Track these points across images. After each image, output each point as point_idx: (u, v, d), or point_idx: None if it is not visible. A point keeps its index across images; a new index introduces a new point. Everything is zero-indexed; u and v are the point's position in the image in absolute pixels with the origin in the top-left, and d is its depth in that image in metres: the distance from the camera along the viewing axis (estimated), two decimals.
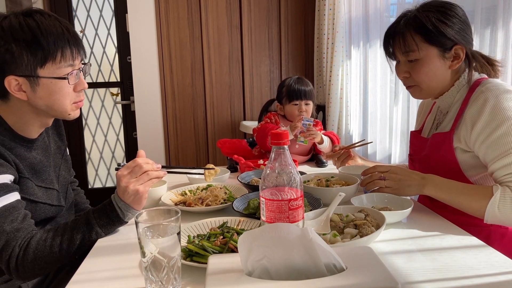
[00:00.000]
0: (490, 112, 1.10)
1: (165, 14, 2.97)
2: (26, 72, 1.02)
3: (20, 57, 1.00)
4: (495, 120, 1.10)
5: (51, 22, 1.02)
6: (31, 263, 0.97)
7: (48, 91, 1.05)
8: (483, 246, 0.97)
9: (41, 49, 1.01)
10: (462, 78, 1.22)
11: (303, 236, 0.70)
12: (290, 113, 1.93)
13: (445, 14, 1.16)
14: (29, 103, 1.07)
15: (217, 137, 3.13)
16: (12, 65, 1.00)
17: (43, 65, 1.02)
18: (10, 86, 1.03)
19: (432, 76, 1.20)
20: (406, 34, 1.19)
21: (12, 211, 0.98)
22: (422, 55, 1.18)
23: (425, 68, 1.19)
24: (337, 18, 2.69)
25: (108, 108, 3.50)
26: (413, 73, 1.21)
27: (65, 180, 1.28)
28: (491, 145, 1.10)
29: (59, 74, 1.05)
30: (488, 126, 1.10)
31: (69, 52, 1.05)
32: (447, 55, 1.18)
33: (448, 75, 1.22)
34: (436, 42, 1.17)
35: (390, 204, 1.17)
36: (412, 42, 1.18)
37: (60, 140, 1.30)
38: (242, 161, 1.72)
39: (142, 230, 0.76)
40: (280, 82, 2.07)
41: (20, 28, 0.99)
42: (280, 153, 0.83)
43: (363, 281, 0.67)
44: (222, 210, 1.26)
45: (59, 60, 1.03)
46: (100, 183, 3.61)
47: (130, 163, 1.05)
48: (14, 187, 1.03)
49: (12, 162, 1.04)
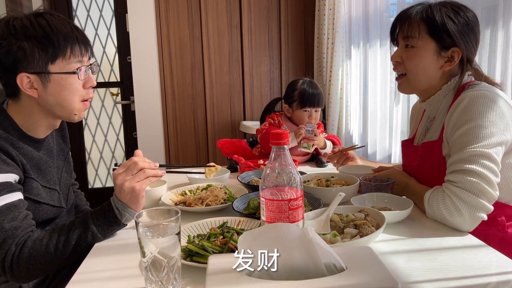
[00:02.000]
0: (461, 110, 1.11)
1: (165, 14, 2.97)
2: (37, 69, 1.05)
3: (32, 54, 1.03)
4: (461, 120, 1.11)
5: (60, 21, 1.07)
6: (26, 262, 0.96)
7: (58, 87, 1.08)
8: (483, 246, 0.97)
9: (52, 46, 1.04)
10: (451, 82, 1.22)
11: (303, 236, 0.70)
12: (299, 118, 1.89)
13: (456, 14, 1.17)
14: (39, 102, 1.09)
15: (217, 137, 3.13)
16: (24, 62, 1.04)
17: (54, 61, 1.06)
18: (22, 84, 1.05)
19: (422, 68, 1.20)
20: (413, 19, 1.19)
21: (13, 209, 0.99)
22: (420, 44, 1.19)
23: (417, 58, 1.20)
24: (337, 18, 2.69)
25: (108, 108, 3.50)
26: (405, 60, 1.22)
27: (67, 182, 1.29)
28: (453, 144, 1.12)
29: (69, 70, 1.08)
30: (456, 125, 1.12)
31: (78, 49, 1.09)
32: (443, 53, 1.19)
33: (437, 74, 1.22)
34: (437, 36, 1.17)
35: (390, 204, 1.18)
36: (416, 28, 1.18)
37: (64, 143, 1.32)
38: (242, 161, 1.71)
39: (142, 230, 0.76)
40: (290, 83, 2.01)
41: (32, 26, 1.03)
42: (280, 153, 0.83)
43: (363, 281, 0.67)
44: (222, 210, 1.26)
45: (68, 56, 1.07)
46: (100, 183, 3.61)
47: (126, 162, 1.06)
48: (18, 187, 1.03)
49: (19, 162, 1.05)
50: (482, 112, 1.09)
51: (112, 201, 1.06)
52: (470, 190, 1.04)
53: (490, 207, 1.04)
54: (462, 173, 1.06)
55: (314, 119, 1.89)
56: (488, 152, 1.06)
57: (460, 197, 1.04)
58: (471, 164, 1.06)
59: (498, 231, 1.15)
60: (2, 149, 1.02)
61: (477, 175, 1.04)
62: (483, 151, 1.06)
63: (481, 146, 1.06)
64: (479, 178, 1.04)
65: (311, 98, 1.87)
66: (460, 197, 1.04)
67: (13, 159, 1.04)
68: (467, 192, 1.04)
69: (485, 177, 1.04)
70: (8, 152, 1.03)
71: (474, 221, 1.04)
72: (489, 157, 1.06)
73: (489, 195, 1.04)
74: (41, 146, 1.16)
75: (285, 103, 1.96)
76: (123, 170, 1.04)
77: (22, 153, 1.08)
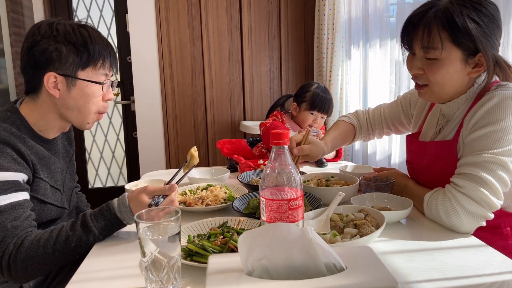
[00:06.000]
0: (486, 110, 1.04)
1: (165, 14, 2.97)
2: (67, 72, 1.10)
3: (66, 57, 1.09)
4: (483, 120, 1.03)
5: (99, 35, 1.15)
6: (23, 262, 0.96)
7: (81, 92, 1.13)
8: (483, 246, 0.97)
9: (87, 54, 1.11)
10: (477, 84, 1.12)
11: (303, 235, 0.70)
12: (304, 119, 1.90)
13: (480, 13, 1.03)
14: (57, 103, 1.13)
15: (217, 137, 3.13)
16: (57, 63, 1.09)
17: (85, 68, 1.12)
18: (48, 82, 1.10)
19: (449, 79, 1.08)
20: (432, 27, 1.04)
21: (17, 208, 0.99)
22: (444, 55, 1.05)
23: (443, 70, 1.07)
24: (337, 18, 2.69)
25: (108, 108, 3.50)
26: (429, 73, 1.09)
27: (70, 184, 1.30)
28: (469, 144, 1.06)
29: (95, 79, 1.14)
30: (477, 124, 1.05)
31: (108, 63, 1.16)
32: (470, 60, 1.06)
33: (465, 81, 1.11)
34: (463, 44, 1.04)
35: (390, 204, 1.18)
36: (438, 38, 1.04)
37: (69, 145, 1.34)
38: (242, 161, 1.71)
39: (142, 230, 0.76)
40: (305, 84, 2.01)
41: (73, 33, 1.10)
42: (280, 153, 0.83)
43: (363, 280, 0.67)
44: (222, 210, 1.26)
45: (99, 66, 1.14)
46: (100, 183, 3.61)
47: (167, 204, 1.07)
48: (25, 186, 1.05)
49: (30, 162, 1.07)
50: (509, 116, 1.01)
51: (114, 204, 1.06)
52: (474, 199, 1.00)
53: (491, 215, 1.01)
54: (470, 179, 1.01)
55: (317, 125, 1.90)
56: (505, 161, 0.99)
57: (461, 204, 1.01)
58: (484, 171, 1.00)
59: (501, 240, 1.13)
60: (15, 147, 1.04)
61: (486, 185, 0.99)
62: (500, 159, 0.99)
63: (500, 153, 1.00)
64: (487, 188, 0.99)
65: (322, 103, 1.88)
66: (461, 204, 1.01)
67: (24, 158, 1.06)
68: (470, 200, 1.00)
69: (494, 187, 0.99)
70: (20, 151, 1.05)
71: (472, 226, 1.02)
72: (505, 167, 1.00)
73: (492, 205, 1.00)
74: (50, 147, 1.19)
75: (294, 101, 1.97)
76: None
77: (34, 152, 1.10)
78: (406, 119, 1.46)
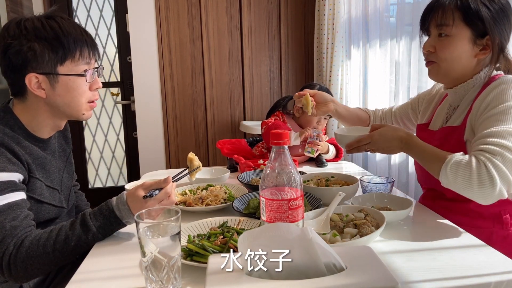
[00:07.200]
0: (499, 92, 1.09)
1: (165, 14, 2.97)
2: (46, 70, 1.07)
3: (42, 55, 1.05)
4: (497, 100, 1.08)
5: (71, 24, 1.10)
6: (23, 262, 0.96)
7: (66, 88, 1.10)
8: (483, 246, 0.97)
9: (62, 48, 1.07)
10: (483, 72, 1.18)
11: (303, 235, 0.70)
12: (307, 121, 1.88)
13: (492, 2, 1.13)
14: (45, 102, 1.11)
15: (217, 137, 3.13)
16: (34, 63, 1.06)
17: (63, 62, 1.08)
18: (31, 84, 1.07)
19: (457, 57, 1.17)
20: (447, 7, 1.15)
21: (15, 208, 0.99)
22: (454, 32, 1.15)
23: (452, 46, 1.16)
24: (337, 18, 2.69)
25: (108, 108, 3.50)
26: (439, 49, 1.18)
27: (68, 183, 1.29)
28: (486, 119, 1.07)
29: (77, 72, 1.10)
30: (490, 105, 1.09)
31: (86, 52, 1.11)
32: (478, 41, 1.15)
33: (471, 63, 1.18)
34: (473, 24, 1.13)
35: (390, 204, 1.18)
36: (450, 16, 1.14)
37: (66, 143, 1.32)
38: (242, 161, 1.71)
39: (142, 230, 0.76)
40: (307, 84, 1.97)
41: (43, 28, 1.05)
42: (280, 153, 0.83)
43: (363, 280, 0.67)
44: (222, 210, 1.26)
45: (77, 58, 1.09)
46: (100, 183, 3.61)
47: (162, 196, 1.04)
48: (21, 186, 1.04)
49: (25, 162, 1.06)
50: None
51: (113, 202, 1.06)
52: (508, 168, 0.98)
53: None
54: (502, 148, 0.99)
55: (321, 126, 1.90)
56: None
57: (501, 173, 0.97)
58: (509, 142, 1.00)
59: (501, 229, 1.15)
60: (9, 148, 1.03)
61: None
62: None
63: None
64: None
65: None
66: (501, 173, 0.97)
67: (19, 158, 1.04)
68: (505, 170, 0.98)
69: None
70: (14, 151, 1.04)
71: (499, 197, 0.98)
72: None
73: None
74: (45, 146, 1.17)
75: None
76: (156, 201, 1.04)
77: (28, 152, 1.09)
78: (413, 114, 1.51)
